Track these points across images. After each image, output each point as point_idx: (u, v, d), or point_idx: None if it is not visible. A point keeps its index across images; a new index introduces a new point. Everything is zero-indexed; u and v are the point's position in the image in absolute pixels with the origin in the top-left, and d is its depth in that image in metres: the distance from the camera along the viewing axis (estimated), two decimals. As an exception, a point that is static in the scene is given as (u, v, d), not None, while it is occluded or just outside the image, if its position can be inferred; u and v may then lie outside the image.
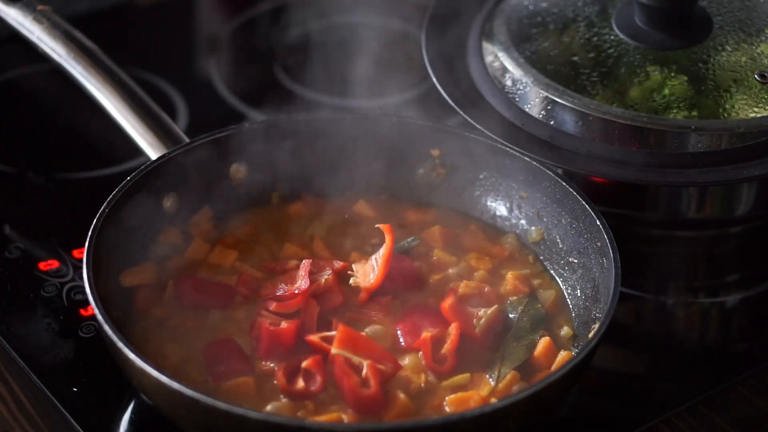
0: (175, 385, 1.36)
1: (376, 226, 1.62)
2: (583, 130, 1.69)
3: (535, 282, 1.63)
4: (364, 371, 1.45)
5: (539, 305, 1.58)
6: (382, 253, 1.58)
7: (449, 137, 1.71)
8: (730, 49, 1.81)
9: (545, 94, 1.71)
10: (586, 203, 1.59)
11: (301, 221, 1.70)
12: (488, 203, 1.71)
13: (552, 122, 1.71)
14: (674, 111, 1.73)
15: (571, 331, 1.56)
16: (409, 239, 1.65)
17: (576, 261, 1.61)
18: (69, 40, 1.77)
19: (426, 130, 1.72)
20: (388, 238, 1.59)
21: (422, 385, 1.47)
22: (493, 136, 1.68)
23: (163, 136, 1.69)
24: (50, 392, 1.55)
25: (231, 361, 1.48)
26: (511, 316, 1.56)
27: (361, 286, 1.58)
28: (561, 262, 1.64)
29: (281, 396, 1.45)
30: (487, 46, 1.80)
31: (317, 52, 2.08)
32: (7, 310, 1.66)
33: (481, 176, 1.71)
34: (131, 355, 1.39)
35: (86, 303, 1.65)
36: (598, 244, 1.56)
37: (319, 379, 1.45)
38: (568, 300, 1.61)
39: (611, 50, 1.84)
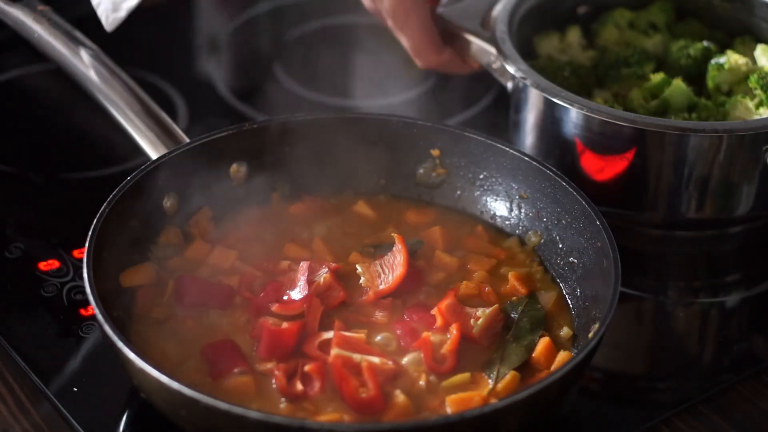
0: (175, 385, 1.36)
1: (392, 235, 1.62)
2: (584, 131, 1.69)
3: (535, 282, 1.63)
4: (363, 374, 1.45)
5: (539, 305, 1.58)
6: (393, 261, 1.59)
7: (449, 137, 1.72)
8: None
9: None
10: (586, 203, 1.59)
11: (301, 221, 1.70)
12: (488, 203, 1.72)
13: (551, 123, 1.71)
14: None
15: (571, 332, 1.56)
16: (412, 241, 1.65)
17: (576, 261, 1.61)
18: (69, 40, 1.77)
19: (426, 130, 1.72)
20: (402, 249, 1.59)
21: (422, 385, 1.47)
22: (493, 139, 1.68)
23: (163, 136, 1.69)
24: (50, 392, 1.55)
25: (231, 361, 1.48)
26: (511, 316, 1.57)
27: (371, 290, 1.58)
28: (561, 262, 1.64)
29: (281, 396, 1.45)
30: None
31: (317, 52, 2.08)
32: (7, 310, 1.66)
33: (481, 176, 1.71)
34: (131, 355, 1.39)
35: (86, 303, 1.65)
36: (598, 244, 1.56)
37: (318, 384, 1.45)
38: (568, 300, 1.61)
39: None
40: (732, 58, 1.80)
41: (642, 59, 1.82)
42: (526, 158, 1.67)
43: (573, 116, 1.69)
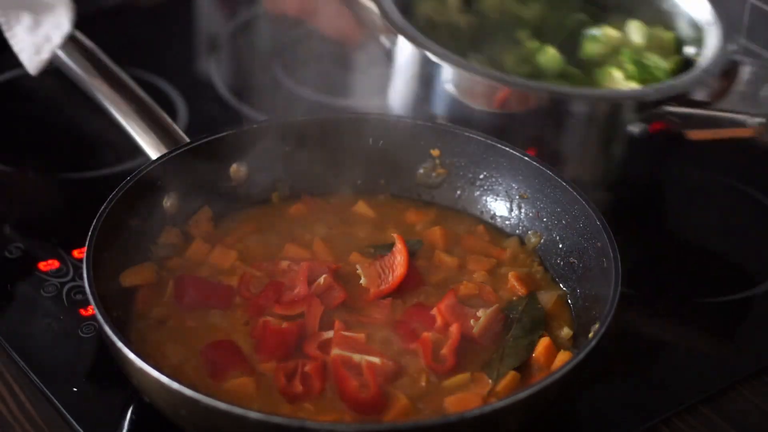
0: (175, 385, 1.36)
1: (392, 235, 1.63)
2: (458, 90, 1.74)
3: (535, 282, 1.63)
4: (363, 374, 1.45)
5: (539, 305, 1.58)
6: (393, 261, 1.59)
7: (449, 137, 1.72)
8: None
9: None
10: (586, 203, 1.59)
11: (301, 221, 1.70)
12: (488, 203, 1.72)
13: (427, 82, 1.75)
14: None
15: (571, 332, 1.56)
16: (412, 241, 1.65)
17: (576, 261, 1.61)
18: (69, 41, 1.77)
19: (426, 130, 1.72)
20: (402, 249, 1.59)
21: (422, 385, 1.47)
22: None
23: (163, 136, 1.69)
24: (50, 392, 1.55)
25: (231, 361, 1.48)
26: (511, 316, 1.57)
27: (371, 290, 1.58)
28: (561, 262, 1.64)
29: (281, 396, 1.45)
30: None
31: (317, 52, 2.08)
32: (7, 310, 1.66)
33: (481, 176, 1.71)
34: (131, 355, 1.39)
35: (86, 303, 1.65)
36: (598, 244, 1.56)
37: (317, 384, 1.45)
38: (568, 300, 1.61)
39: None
40: (606, 32, 1.88)
41: (518, 26, 1.87)
42: (526, 158, 1.67)
43: (448, 74, 1.73)
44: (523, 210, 1.69)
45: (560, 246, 1.64)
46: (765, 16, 2.00)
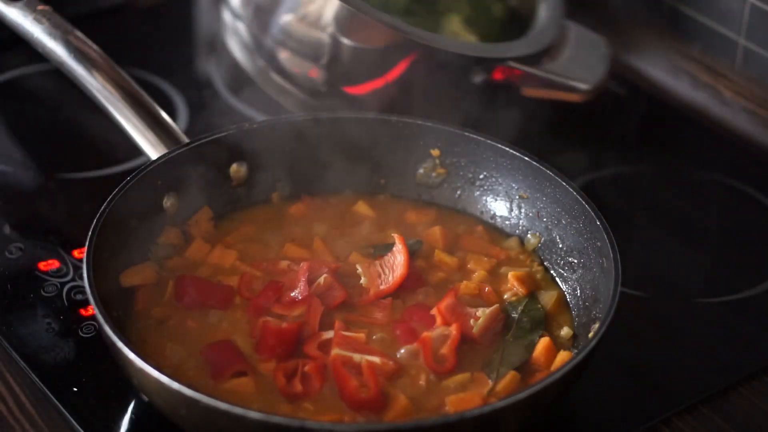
0: (175, 385, 1.36)
1: (392, 235, 1.62)
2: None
3: (535, 282, 1.63)
4: (363, 374, 1.45)
5: (539, 305, 1.58)
6: (394, 262, 1.59)
7: (449, 137, 1.72)
8: None
9: None
10: (586, 203, 1.59)
11: (301, 221, 1.70)
12: (488, 203, 1.72)
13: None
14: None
15: (571, 332, 1.56)
16: (412, 241, 1.65)
17: (576, 261, 1.61)
18: (69, 40, 1.77)
19: (426, 130, 1.72)
20: (402, 249, 1.59)
21: (422, 385, 1.47)
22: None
23: (163, 136, 1.69)
24: (50, 392, 1.55)
25: (231, 361, 1.48)
26: (511, 316, 1.57)
27: (371, 290, 1.58)
28: (561, 262, 1.64)
29: (281, 396, 1.45)
30: None
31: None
32: (7, 310, 1.66)
33: (481, 176, 1.71)
34: (131, 355, 1.39)
35: (86, 303, 1.65)
36: (598, 244, 1.56)
37: (317, 384, 1.45)
38: (568, 300, 1.61)
39: None
40: None
41: None
42: (526, 158, 1.67)
43: None
44: (523, 210, 1.69)
45: (560, 246, 1.64)
46: (765, 16, 2.00)
